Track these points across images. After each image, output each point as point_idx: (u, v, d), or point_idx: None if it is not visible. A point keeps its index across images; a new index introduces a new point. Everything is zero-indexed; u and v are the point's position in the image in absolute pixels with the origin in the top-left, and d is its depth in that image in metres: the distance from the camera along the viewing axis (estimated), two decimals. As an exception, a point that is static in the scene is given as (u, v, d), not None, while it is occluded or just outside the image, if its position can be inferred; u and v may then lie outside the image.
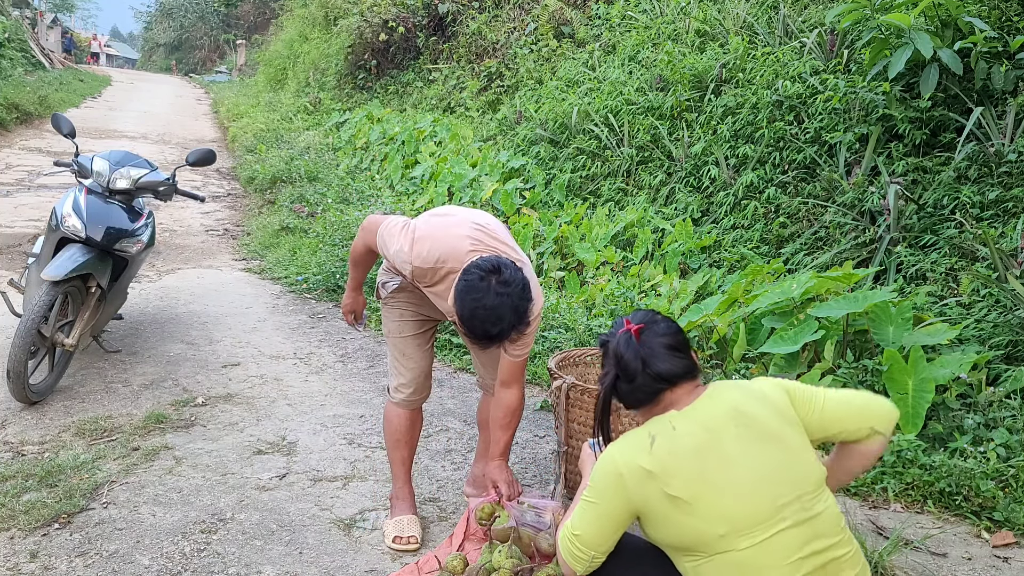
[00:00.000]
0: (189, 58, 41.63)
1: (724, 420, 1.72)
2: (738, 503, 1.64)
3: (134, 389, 3.85)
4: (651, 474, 1.68)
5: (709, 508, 1.64)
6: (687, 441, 1.70)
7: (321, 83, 15.03)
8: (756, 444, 1.69)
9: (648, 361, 1.76)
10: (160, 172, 4.21)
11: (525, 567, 2.29)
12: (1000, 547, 2.74)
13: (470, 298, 2.17)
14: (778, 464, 1.68)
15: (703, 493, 1.64)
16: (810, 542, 1.64)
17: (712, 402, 1.76)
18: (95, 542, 2.56)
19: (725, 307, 4.04)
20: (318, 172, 9.23)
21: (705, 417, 1.73)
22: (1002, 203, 4.25)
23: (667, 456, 1.69)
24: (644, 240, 5.56)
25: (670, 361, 1.77)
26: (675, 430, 1.72)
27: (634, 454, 1.72)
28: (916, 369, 3.26)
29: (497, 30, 11.21)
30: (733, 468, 1.66)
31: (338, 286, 5.77)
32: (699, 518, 1.64)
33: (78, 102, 16.97)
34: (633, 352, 1.78)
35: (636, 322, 1.83)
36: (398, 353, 2.71)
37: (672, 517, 1.67)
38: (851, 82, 5.27)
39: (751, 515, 1.63)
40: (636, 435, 1.77)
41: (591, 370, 3.29)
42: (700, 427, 1.71)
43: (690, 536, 1.66)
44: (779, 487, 1.65)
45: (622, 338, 1.81)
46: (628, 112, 6.97)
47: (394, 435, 2.74)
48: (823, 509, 1.69)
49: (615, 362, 1.81)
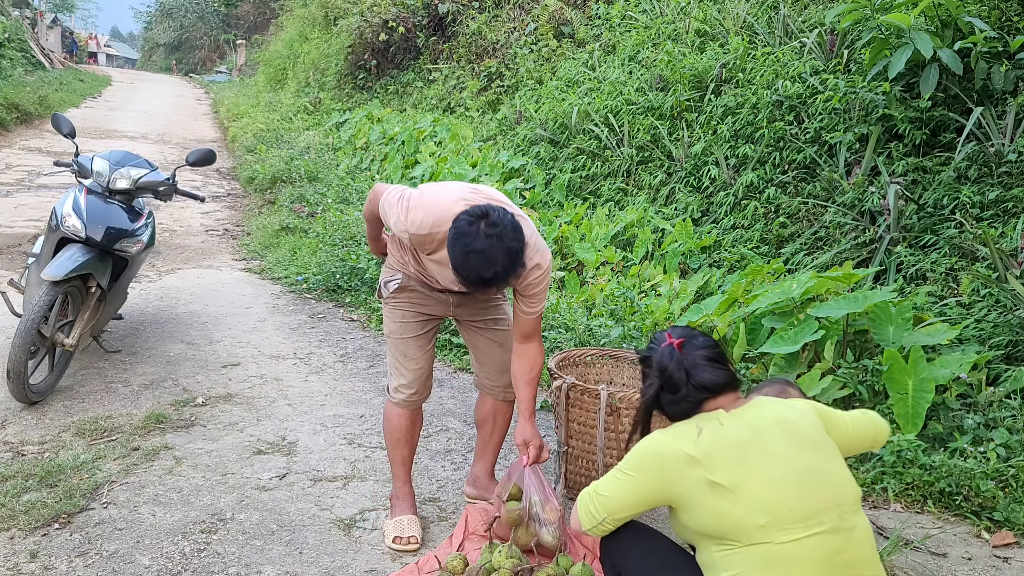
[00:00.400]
0: (189, 58, 41.64)
1: (769, 424, 1.78)
2: (780, 497, 1.67)
3: (134, 389, 3.85)
4: (695, 460, 1.73)
5: (751, 498, 1.67)
6: (733, 435, 1.76)
7: (321, 83, 15.04)
8: (798, 449, 1.75)
9: (691, 372, 1.84)
10: (160, 172, 4.21)
11: (525, 567, 2.29)
12: (1000, 547, 2.74)
13: (460, 244, 2.16)
14: (819, 470, 1.73)
15: (746, 483, 1.68)
16: (843, 553, 1.67)
17: (757, 409, 1.83)
18: (95, 542, 2.56)
19: (725, 307, 4.04)
20: (318, 172, 9.23)
21: (751, 419, 1.80)
22: (1002, 203, 4.25)
23: (712, 445, 1.74)
24: (644, 240, 5.56)
25: (712, 372, 1.85)
26: (722, 425, 1.79)
27: (679, 441, 1.78)
28: (916, 369, 3.26)
29: (497, 30, 11.21)
30: (776, 465, 1.71)
31: (338, 286, 5.77)
32: (741, 507, 1.67)
33: (78, 102, 16.98)
34: (677, 364, 1.86)
35: (676, 336, 1.91)
36: (399, 354, 2.69)
37: (711, 504, 1.70)
38: (851, 82, 5.27)
39: (792, 511, 1.66)
40: (683, 426, 1.83)
41: (591, 370, 3.29)
42: (746, 426, 1.78)
43: (728, 524, 1.68)
44: (819, 491, 1.70)
45: (665, 351, 1.89)
46: (628, 112, 6.97)
47: (394, 435, 2.73)
48: (858, 525, 1.72)
49: (659, 374, 1.88)
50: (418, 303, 2.66)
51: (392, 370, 2.72)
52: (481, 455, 2.90)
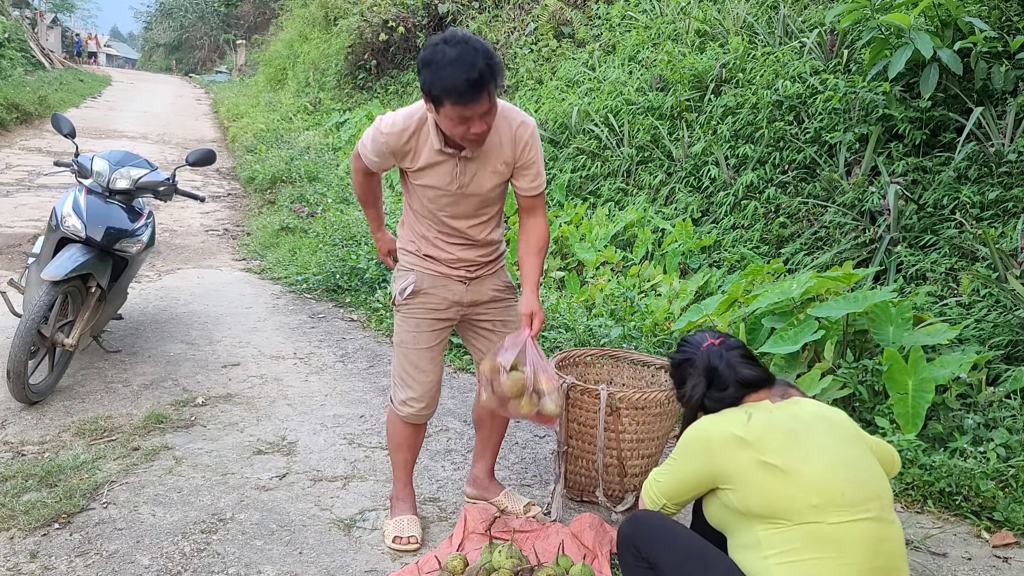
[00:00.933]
0: (189, 58, 41.66)
1: (812, 418, 1.87)
2: (832, 482, 1.72)
3: (134, 389, 3.85)
4: (744, 442, 1.79)
5: (805, 479, 1.72)
6: (783, 423, 1.83)
7: (321, 83, 15.04)
8: (842, 442, 1.82)
9: (736, 369, 1.97)
10: (160, 172, 4.21)
11: (525, 567, 2.29)
12: (1000, 547, 2.74)
13: (434, 62, 2.11)
14: (863, 464, 1.80)
15: (799, 464, 1.74)
16: (885, 541, 1.72)
17: (798, 405, 1.91)
18: (95, 542, 2.56)
19: (725, 307, 4.04)
20: (318, 172, 9.23)
21: (795, 412, 1.88)
22: (1002, 203, 4.25)
23: (763, 429, 1.81)
24: (644, 240, 5.56)
25: (752, 368, 1.98)
26: (771, 413, 1.87)
27: (728, 424, 1.86)
28: (916, 369, 3.26)
29: (497, 30, 11.21)
30: (827, 453, 1.77)
31: (338, 286, 5.77)
32: (794, 486, 1.72)
33: (78, 102, 16.99)
34: (726, 362, 1.98)
35: (715, 338, 2.05)
36: (409, 365, 2.58)
37: (763, 483, 1.75)
38: (851, 82, 5.27)
39: (844, 495, 1.71)
40: (731, 412, 1.92)
41: (591, 370, 3.29)
42: (792, 417, 1.86)
43: (780, 503, 1.72)
44: (866, 481, 1.76)
45: (713, 351, 2.01)
46: (628, 112, 6.97)
47: (396, 439, 2.69)
48: (895, 520, 1.78)
49: (705, 372, 1.99)
50: (432, 307, 2.55)
51: (399, 381, 2.61)
52: (480, 455, 2.89)
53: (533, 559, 2.44)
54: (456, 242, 2.52)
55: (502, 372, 2.36)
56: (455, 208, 2.46)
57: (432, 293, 2.55)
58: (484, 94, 2.13)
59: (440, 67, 2.10)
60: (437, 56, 2.11)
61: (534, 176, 2.44)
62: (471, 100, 2.12)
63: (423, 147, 2.36)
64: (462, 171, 2.38)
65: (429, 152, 2.35)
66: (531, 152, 2.40)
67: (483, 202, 2.48)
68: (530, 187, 2.45)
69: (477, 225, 2.51)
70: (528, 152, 2.40)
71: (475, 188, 2.42)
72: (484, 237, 2.54)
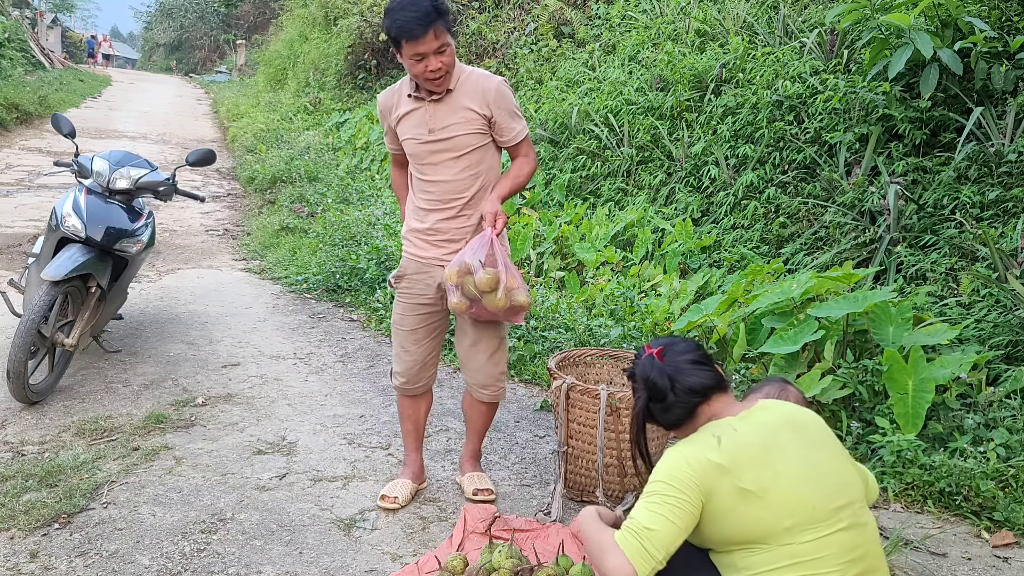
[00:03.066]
0: (189, 58, 41.66)
1: (780, 424, 1.79)
2: (805, 497, 1.69)
3: (134, 389, 3.85)
4: (723, 468, 1.70)
5: (778, 500, 1.68)
6: (752, 437, 1.75)
7: (321, 83, 15.04)
8: (811, 448, 1.77)
9: (676, 378, 1.83)
10: (160, 172, 4.21)
11: (525, 567, 2.29)
12: (1000, 547, 2.74)
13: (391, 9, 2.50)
14: (832, 468, 1.76)
15: (773, 485, 1.69)
16: (858, 547, 1.70)
17: (765, 412, 1.83)
18: (95, 542, 2.56)
19: (725, 307, 4.04)
20: (318, 172, 9.23)
21: (762, 420, 1.80)
22: (1002, 203, 4.25)
23: (736, 450, 1.72)
24: (644, 240, 5.56)
25: (698, 374, 1.84)
26: (736, 430, 1.77)
27: (702, 451, 1.74)
28: (916, 369, 3.26)
29: (497, 30, 11.21)
30: (796, 464, 1.72)
31: (338, 286, 5.77)
32: (769, 510, 1.67)
33: (78, 102, 16.99)
34: (659, 372, 1.85)
35: (656, 346, 1.91)
36: (397, 344, 2.91)
37: (739, 509, 1.69)
38: (851, 82, 5.27)
39: (815, 510, 1.68)
40: (698, 437, 1.80)
41: (591, 370, 3.29)
42: (759, 427, 1.78)
43: (756, 528, 1.69)
44: (835, 488, 1.72)
45: (645, 362, 1.89)
46: (628, 112, 6.97)
47: (400, 410, 3.01)
48: (868, 521, 1.76)
49: (643, 385, 1.88)
50: (416, 292, 2.82)
51: (393, 356, 2.96)
52: (467, 438, 3.11)
53: (533, 559, 2.44)
54: (435, 207, 2.73)
55: (476, 270, 2.54)
56: (432, 159, 2.69)
57: (415, 279, 2.81)
58: (430, 31, 2.46)
59: (394, 12, 2.49)
60: (393, 4, 2.51)
61: (509, 128, 2.69)
62: (420, 36, 2.46)
63: (401, 101, 2.72)
64: (432, 115, 2.65)
65: (404, 102, 2.70)
66: (500, 103, 2.65)
67: (458, 155, 2.68)
68: (508, 138, 2.71)
69: (454, 182, 2.69)
70: (497, 104, 2.64)
71: (445, 133, 2.65)
72: (462, 202, 2.71)
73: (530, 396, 4.05)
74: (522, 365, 4.31)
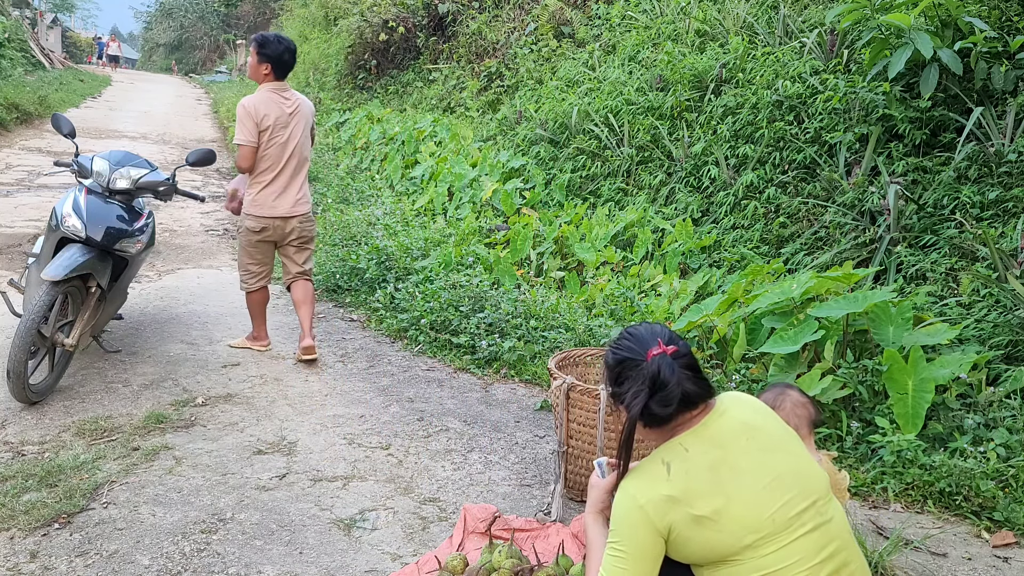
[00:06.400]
0: (189, 58, 41.67)
1: (734, 435, 1.75)
2: (761, 512, 1.67)
3: (134, 389, 3.85)
4: (674, 499, 1.69)
5: (733, 521, 1.67)
6: (701, 460, 1.72)
7: (321, 83, 15.04)
8: (766, 454, 1.73)
9: (682, 384, 1.75)
10: (160, 172, 4.21)
11: (525, 567, 2.29)
12: (1000, 547, 2.74)
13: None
14: (789, 471, 1.73)
15: (726, 508, 1.67)
16: (827, 546, 1.69)
17: (721, 419, 1.78)
18: (95, 542, 2.56)
19: (725, 307, 4.04)
20: (318, 172, 9.23)
21: (715, 434, 1.76)
22: (1002, 203, 4.25)
23: (685, 478, 1.70)
24: (644, 240, 5.56)
25: (696, 383, 1.77)
26: (687, 451, 1.74)
27: (652, 485, 1.72)
28: (916, 369, 3.26)
29: (497, 30, 11.21)
30: (750, 478, 1.69)
31: (338, 286, 5.77)
32: (726, 533, 1.67)
33: (78, 102, 16.98)
34: (676, 377, 1.75)
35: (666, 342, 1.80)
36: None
37: (699, 536, 1.68)
38: (851, 82, 5.27)
39: (775, 522, 1.66)
40: (649, 467, 1.77)
41: (591, 370, 3.29)
42: (711, 444, 1.74)
43: (718, 550, 1.69)
44: (793, 492, 1.70)
45: (662, 361, 1.77)
46: (628, 112, 6.97)
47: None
48: (834, 515, 1.74)
49: (651, 384, 1.76)
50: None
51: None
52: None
53: (533, 559, 2.44)
54: None
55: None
56: None
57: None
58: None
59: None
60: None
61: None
62: None
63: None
64: None
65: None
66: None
67: None
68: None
69: None
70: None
71: None
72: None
73: (530, 396, 4.05)
74: (522, 365, 4.31)
